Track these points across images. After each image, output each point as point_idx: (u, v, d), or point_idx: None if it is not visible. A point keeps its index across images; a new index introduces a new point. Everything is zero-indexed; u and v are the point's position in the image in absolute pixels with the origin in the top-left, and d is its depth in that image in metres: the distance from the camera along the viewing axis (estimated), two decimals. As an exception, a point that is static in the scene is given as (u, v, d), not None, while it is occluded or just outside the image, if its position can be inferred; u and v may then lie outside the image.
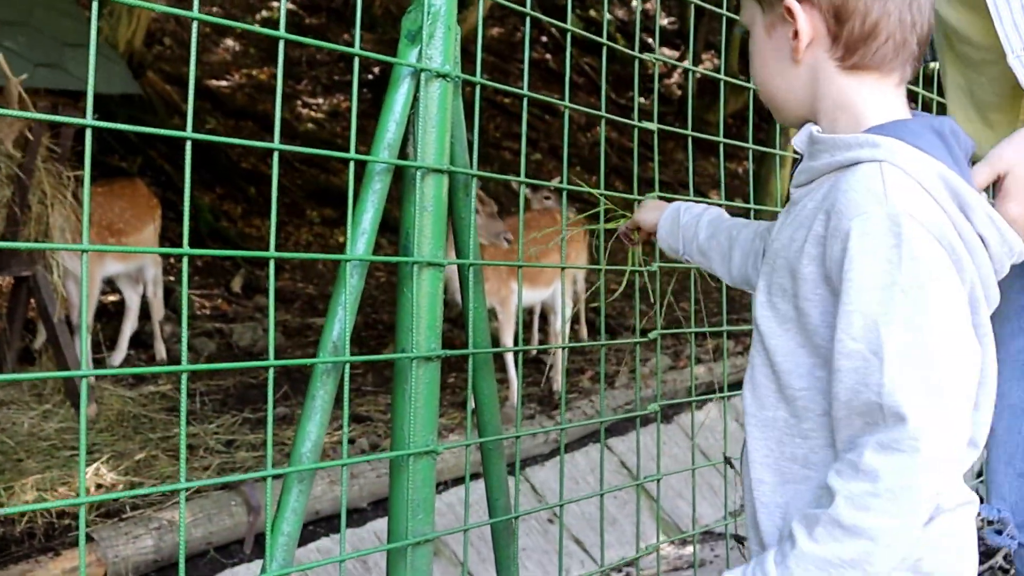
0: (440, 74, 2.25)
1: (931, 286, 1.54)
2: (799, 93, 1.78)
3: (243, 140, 1.72)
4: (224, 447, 6.02)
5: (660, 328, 3.06)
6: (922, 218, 1.56)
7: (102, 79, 6.40)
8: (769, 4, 1.78)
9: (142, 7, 1.60)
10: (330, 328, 2.13)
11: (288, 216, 11.92)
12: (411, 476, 2.25)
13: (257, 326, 8.62)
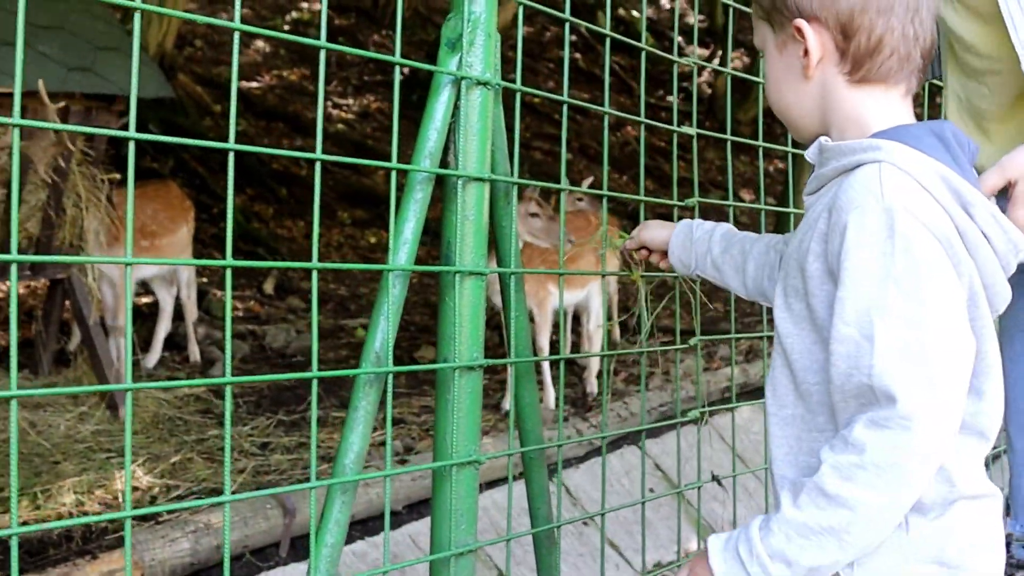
0: (481, 82, 2.24)
1: (925, 278, 1.60)
2: (811, 108, 1.86)
3: (285, 151, 1.71)
4: (259, 450, 6.03)
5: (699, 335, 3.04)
6: (917, 212, 1.63)
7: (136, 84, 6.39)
8: (780, 25, 1.86)
9: (182, 17, 1.60)
10: (372, 338, 2.12)
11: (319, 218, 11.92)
12: (454, 486, 2.24)
13: (290, 328, 8.63)
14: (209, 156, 11.86)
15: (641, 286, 2.68)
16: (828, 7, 1.79)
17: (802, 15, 1.81)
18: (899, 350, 1.58)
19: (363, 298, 9.95)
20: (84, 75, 6.15)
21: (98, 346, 6.51)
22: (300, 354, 8.11)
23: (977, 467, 1.76)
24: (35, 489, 5.19)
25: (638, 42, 2.84)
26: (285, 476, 5.62)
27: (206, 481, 5.48)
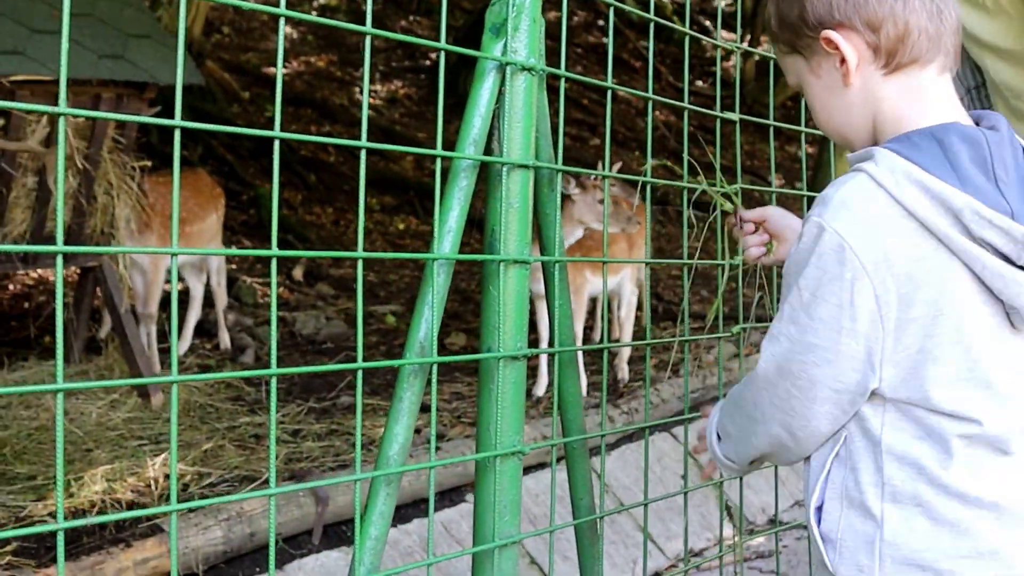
0: (525, 67, 2.20)
1: (820, 294, 1.73)
2: (859, 117, 1.88)
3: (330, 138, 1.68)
4: (291, 437, 6.02)
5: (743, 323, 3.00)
6: (845, 232, 1.71)
7: (166, 70, 6.38)
8: (808, 48, 1.89)
9: (228, 3, 1.57)
10: (416, 328, 2.10)
11: (348, 204, 11.92)
12: (498, 477, 2.21)
13: (319, 314, 8.62)
14: (238, 143, 11.86)
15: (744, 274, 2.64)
16: (848, 9, 1.81)
17: (825, 26, 1.83)
18: (777, 348, 1.81)
19: (392, 284, 9.94)
20: (115, 62, 6.14)
21: (129, 334, 6.51)
22: (330, 341, 8.11)
23: (981, 474, 1.77)
24: (68, 477, 5.19)
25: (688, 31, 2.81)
26: (316, 463, 5.61)
27: (238, 468, 5.47)
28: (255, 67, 14.18)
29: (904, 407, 1.76)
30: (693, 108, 2.77)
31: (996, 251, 1.69)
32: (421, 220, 12.04)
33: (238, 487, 5.23)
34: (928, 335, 1.72)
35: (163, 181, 7.09)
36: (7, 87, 5.57)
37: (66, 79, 1.53)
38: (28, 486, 5.19)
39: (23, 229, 6.09)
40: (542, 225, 2.39)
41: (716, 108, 2.94)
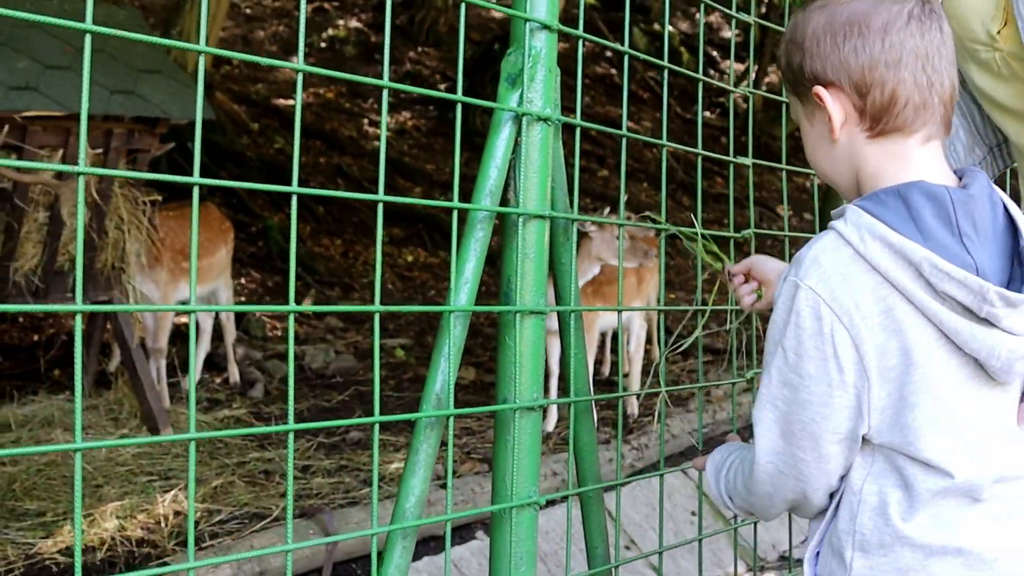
0: (541, 118, 2.21)
1: (803, 352, 1.79)
2: (844, 170, 1.94)
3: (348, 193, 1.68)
4: (300, 472, 6.01)
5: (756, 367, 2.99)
6: (818, 287, 1.77)
7: (178, 106, 6.41)
8: (805, 96, 1.94)
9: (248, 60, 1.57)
10: (433, 380, 2.09)
11: (356, 235, 11.93)
12: (514, 528, 2.20)
13: (329, 348, 8.62)
14: (247, 175, 11.88)
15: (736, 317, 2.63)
16: (840, 70, 1.86)
17: (819, 82, 1.89)
18: (770, 411, 1.86)
19: (401, 317, 9.94)
20: (126, 98, 6.16)
21: (139, 368, 6.51)
22: (339, 375, 8.10)
23: (947, 524, 1.81)
24: (78, 513, 5.18)
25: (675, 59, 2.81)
26: (326, 500, 5.59)
27: (248, 505, 5.46)
28: (264, 98, 14.22)
29: (889, 453, 1.82)
30: (707, 154, 2.76)
31: (959, 303, 1.74)
32: (430, 252, 12.05)
33: (248, 524, 5.22)
34: (903, 383, 1.78)
35: (173, 215, 7.11)
36: (20, 123, 5.58)
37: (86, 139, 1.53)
38: (37, 522, 5.18)
39: (34, 263, 6.10)
40: (557, 274, 2.38)
41: (729, 152, 2.93)
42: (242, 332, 8.76)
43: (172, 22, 11.19)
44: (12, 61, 5.82)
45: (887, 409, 1.79)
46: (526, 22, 2.21)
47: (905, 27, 1.84)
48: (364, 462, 6.19)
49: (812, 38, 1.89)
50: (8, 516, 5.21)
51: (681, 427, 6.92)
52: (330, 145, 13.59)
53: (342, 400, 7.49)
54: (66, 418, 6.55)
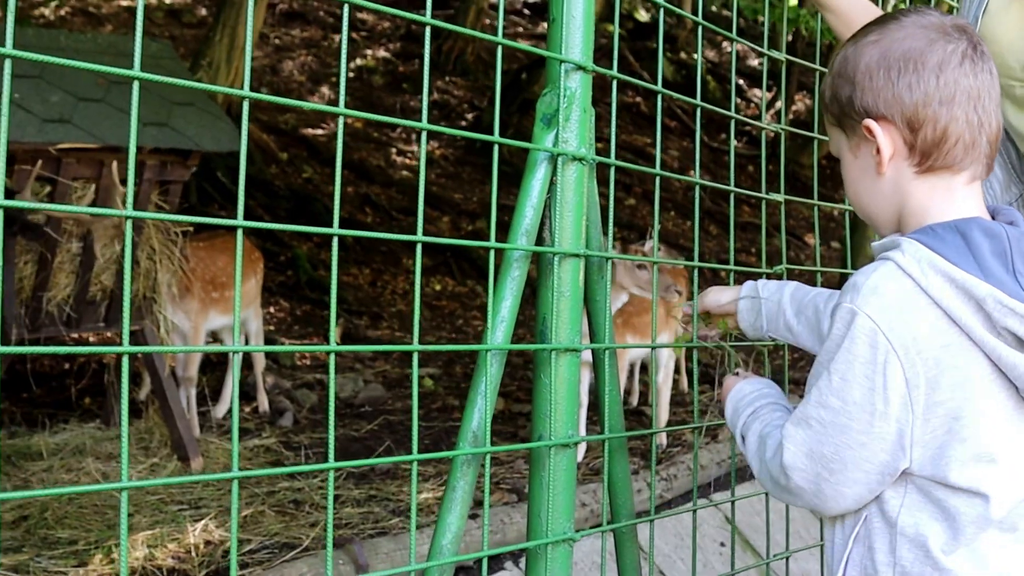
0: (576, 157, 2.23)
1: (851, 378, 1.78)
2: (886, 204, 1.95)
3: (388, 234, 1.71)
4: (330, 503, 6.01)
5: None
6: (877, 318, 1.76)
7: (210, 137, 6.47)
8: (852, 128, 1.96)
9: (290, 104, 1.60)
10: (469, 418, 2.11)
11: (384, 264, 11.98)
12: (549, 564, 2.21)
13: (357, 377, 8.64)
14: (276, 205, 11.95)
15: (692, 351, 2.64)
16: (893, 105, 1.87)
17: (869, 115, 1.90)
18: (805, 431, 1.86)
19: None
20: (159, 130, 6.22)
21: (169, 397, 6.55)
22: (368, 404, 8.12)
23: (986, 556, 1.82)
24: (109, 543, 5.21)
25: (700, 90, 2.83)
26: (356, 530, 5.60)
27: (278, 535, 5.48)
28: (292, 128, 14.31)
29: (926, 485, 1.82)
30: (740, 191, 2.78)
31: (1017, 338, 1.75)
32: (457, 281, 12.08)
33: (278, 554, 5.23)
34: (955, 417, 1.78)
35: (203, 246, 7.16)
36: (54, 155, 5.64)
37: (133, 182, 1.56)
38: (69, 551, 5.21)
39: (67, 293, 6.15)
40: (592, 311, 2.40)
41: (761, 187, 2.95)
42: (271, 361, 8.80)
43: (202, 53, 11.31)
44: (46, 94, 5.89)
45: (932, 443, 1.79)
46: (561, 63, 2.24)
47: (959, 66, 1.86)
48: (393, 492, 6.20)
49: (864, 72, 1.90)
50: (40, 545, 5.24)
51: (710, 458, 6.91)
52: (358, 174, 13.66)
53: (371, 430, 7.51)
54: (97, 447, 6.59)
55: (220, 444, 6.88)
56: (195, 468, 6.41)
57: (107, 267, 6.35)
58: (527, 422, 7.79)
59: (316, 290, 10.88)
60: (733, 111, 2.83)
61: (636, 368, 8.35)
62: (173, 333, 6.86)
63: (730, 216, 2.67)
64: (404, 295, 11.54)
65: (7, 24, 1.50)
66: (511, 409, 8.08)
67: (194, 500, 5.96)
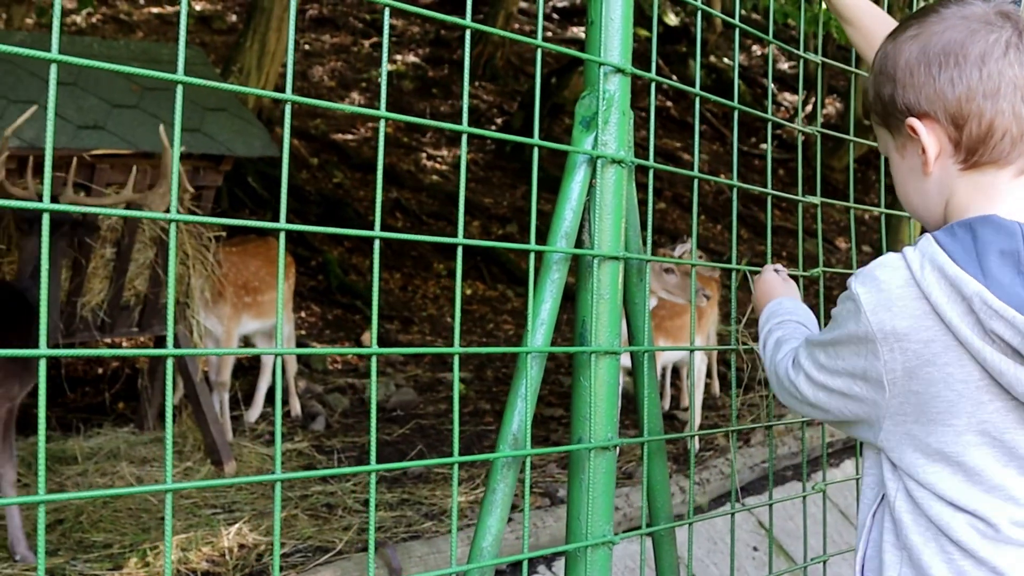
0: (615, 160, 2.23)
1: (842, 341, 1.82)
2: (934, 204, 1.89)
3: (432, 237, 1.71)
4: (362, 506, 6.03)
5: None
6: (865, 300, 1.76)
7: (242, 143, 6.50)
8: (896, 128, 1.90)
9: (329, 107, 1.60)
10: (509, 420, 2.11)
11: (415, 269, 12.00)
12: (588, 568, 2.21)
13: (389, 381, 8.66)
14: (307, 210, 11.99)
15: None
16: (936, 101, 1.81)
17: (912, 114, 1.84)
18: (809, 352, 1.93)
19: (460, 350, 9.97)
20: (192, 135, 6.26)
21: (203, 401, 6.58)
22: (400, 408, 8.13)
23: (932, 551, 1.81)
24: (144, 546, 5.24)
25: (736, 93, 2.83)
26: (389, 534, 5.61)
27: (311, 539, 5.49)
28: (323, 133, 14.35)
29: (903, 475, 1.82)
30: (777, 194, 2.77)
31: (1007, 344, 1.69)
32: (488, 285, 12.09)
33: (311, 557, 5.24)
34: (923, 411, 1.76)
35: (235, 250, 7.20)
36: (88, 161, 5.68)
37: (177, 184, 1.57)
38: (104, 554, 5.23)
39: (101, 298, 6.19)
40: (630, 314, 2.40)
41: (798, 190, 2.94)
42: (303, 366, 8.83)
43: (233, 59, 11.35)
44: (80, 100, 5.93)
45: (899, 428, 1.79)
46: (600, 66, 2.24)
47: (1003, 57, 1.80)
48: (425, 496, 6.21)
49: (905, 69, 1.85)
50: (76, 548, 5.27)
51: (743, 462, 6.89)
52: (388, 179, 13.69)
53: (403, 434, 7.52)
54: (131, 451, 6.62)
55: (253, 448, 6.91)
56: (228, 472, 6.44)
57: (140, 272, 6.39)
58: (558, 426, 7.79)
59: (347, 295, 10.91)
60: (770, 114, 2.83)
61: (668, 372, 8.34)
62: (206, 337, 6.89)
63: (767, 219, 2.66)
64: (435, 299, 11.55)
65: (52, 30, 1.51)
66: (542, 413, 8.07)
67: (228, 504, 5.98)
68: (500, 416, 7.88)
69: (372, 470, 1.79)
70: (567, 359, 8.91)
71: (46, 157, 1.47)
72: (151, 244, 6.36)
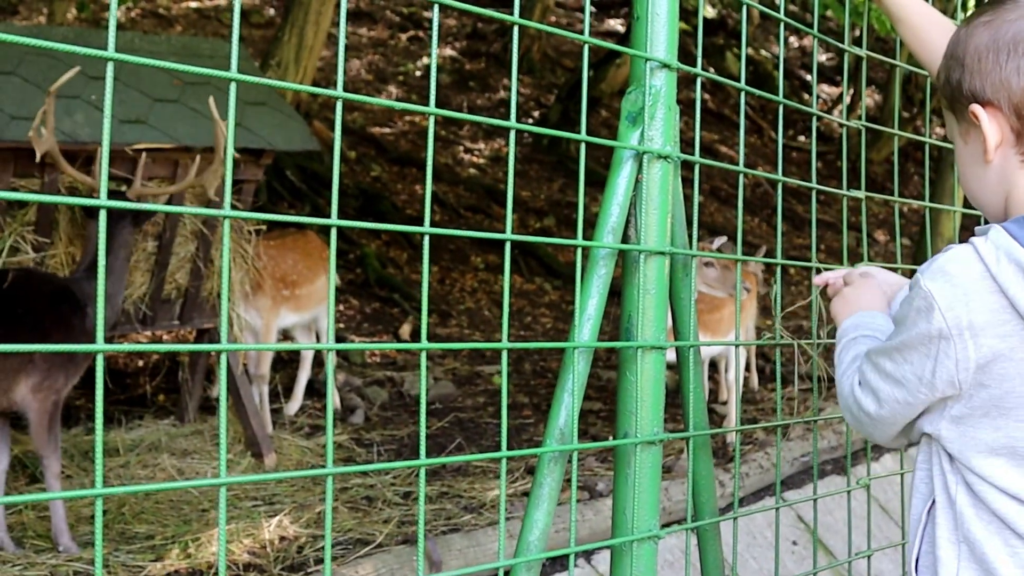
0: (662, 155, 2.23)
1: (910, 344, 1.78)
2: (993, 193, 1.88)
3: (481, 233, 1.72)
4: (402, 499, 6.05)
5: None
6: (939, 296, 1.72)
7: (282, 136, 6.53)
8: (961, 113, 1.88)
9: (383, 104, 1.62)
10: (556, 415, 2.12)
11: (453, 263, 12.02)
12: (634, 562, 2.22)
13: (428, 374, 8.68)
14: (344, 203, 12.02)
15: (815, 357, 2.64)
16: (1000, 90, 1.79)
17: (977, 100, 1.82)
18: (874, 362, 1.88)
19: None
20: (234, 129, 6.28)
21: (243, 394, 6.62)
22: (438, 401, 8.15)
23: None
24: (186, 537, 5.27)
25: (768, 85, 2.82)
26: (428, 526, 5.63)
27: (351, 531, 5.52)
28: (361, 127, 14.39)
29: (961, 467, 1.81)
30: (821, 188, 2.77)
31: None
32: (525, 279, 12.10)
33: (352, 550, 5.27)
34: (995, 405, 1.75)
35: (274, 244, 7.23)
36: (130, 155, 5.71)
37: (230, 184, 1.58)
38: (146, 545, 5.28)
39: (143, 292, 6.23)
40: (676, 309, 2.40)
41: (842, 184, 2.93)
42: (342, 359, 8.86)
43: (271, 53, 11.38)
44: (122, 95, 5.97)
45: (965, 421, 1.78)
46: (646, 61, 2.24)
47: None
48: (464, 489, 6.22)
49: (974, 55, 1.83)
50: (118, 539, 5.32)
51: (782, 455, 6.88)
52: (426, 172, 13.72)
53: (442, 427, 7.54)
54: (172, 443, 6.67)
55: (293, 441, 6.94)
56: (268, 465, 6.48)
57: (181, 266, 6.43)
58: (596, 419, 7.79)
59: (385, 288, 10.94)
60: (815, 107, 2.82)
61: (706, 366, 8.33)
62: (245, 331, 6.93)
63: (812, 213, 2.66)
64: (472, 293, 11.57)
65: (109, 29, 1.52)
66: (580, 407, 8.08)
67: (268, 496, 6.01)
68: (538, 409, 7.94)
69: (421, 464, 1.80)
70: (605, 353, 8.91)
71: (103, 152, 1.49)
72: (192, 238, 6.40)
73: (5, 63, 5.72)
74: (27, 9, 14.83)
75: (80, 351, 1.41)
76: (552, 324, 11.01)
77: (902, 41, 2.83)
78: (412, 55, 16.95)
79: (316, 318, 7.68)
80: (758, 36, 20.09)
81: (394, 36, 17.67)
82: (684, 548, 2.62)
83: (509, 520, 5.44)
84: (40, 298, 5.16)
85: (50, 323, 5.11)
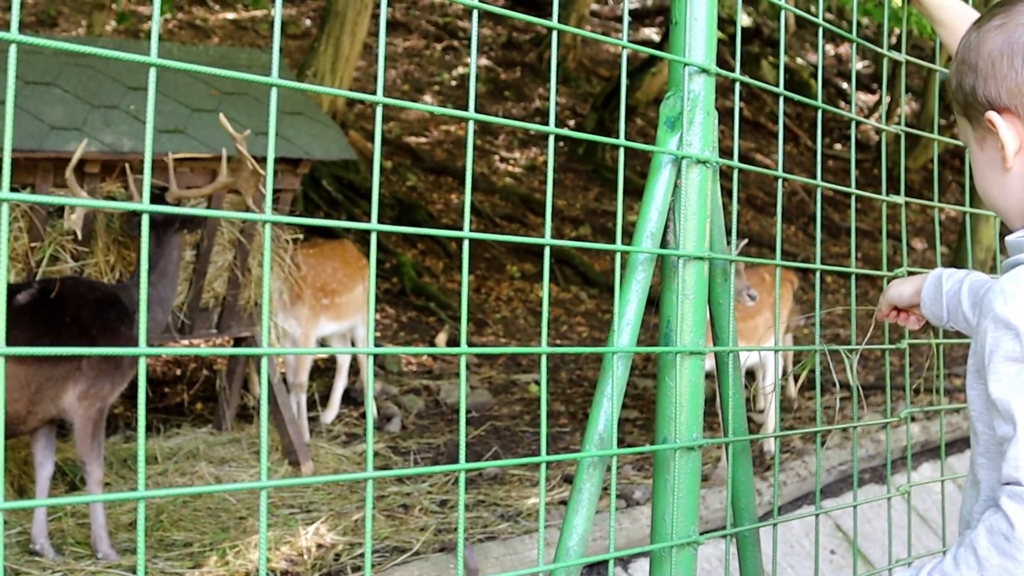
0: (700, 160, 2.23)
1: (1004, 374, 1.66)
2: (1014, 199, 1.84)
3: (516, 237, 1.72)
4: (438, 507, 6.06)
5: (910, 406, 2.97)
6: (1016, 320, 1.65)
7: (319, 146, 6.56)
8: (977, 120, 1.84)
9: (423, 110, 1.62)
10: (595, 419, 2.12)
11: (488, 271, 12.03)
12: (673, 568, 2.21)
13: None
14: (380, 212, 12.01)
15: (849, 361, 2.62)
16: (1016, 95, 1.76)
17: (993, 107, 1.79)
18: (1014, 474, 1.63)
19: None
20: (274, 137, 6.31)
21: (280, 402, 6.64)
22: (474, 410, 8.17)
23: None
24: (223, 545, 5.29)
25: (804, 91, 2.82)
26: (466, 534, 5.63)
27: (388, 539, 5.53)
28: (397, 136, 14.43)
29: None
30: (861, 193, 2.76)
31: None
32: (561, 287, 12.10)
33: (389, 557, 5.28)
34: None
35: (312, 253, 7.26)
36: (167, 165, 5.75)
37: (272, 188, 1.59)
38: (184, 553, 5.30)
39: (180, 301, 6.27)
40: (715, 315, 2.40)
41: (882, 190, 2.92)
42: (378, 367, 8.89)
43: (307, 63, 11.44)
44: (160, 104, 6.02)
45: None
46: (684, 66, 2.24)
47: None
48: (501, 497, 6.23)
49: (987, 60, 1.80)
50: (156, 547, 5.34)
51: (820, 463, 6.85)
52: (461, 181, 13.77)
53: (478, 435, 7.55)
54: (210, 451, 6.70)
55: (329, 449, 6.97)
56: (305, 472, 6.50)
57: (219, 275, 6.46)
58: (633, 428, 7.78)
59: (420, 296, 10.97)
60: (854, 112, 2.81)
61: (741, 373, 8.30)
62: (284, 339, 6.96)
63: (851, 218, 2.65)
64: (508, 301, 11.58)
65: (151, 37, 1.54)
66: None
67: (305, 504, 6.03)
68: (574, 418, 7.93)
69: (461, 469, 1.80)
70: (641, 361, 8.90)
71: (145, 160, 1.50)
72: (230, 247, 6.44)
73: (45, 74, 5.77)
74: (66, 21, 14.96)
75: (121, 354, 1.42)
76: (588, 333, 11.00)
77: (942, 43, 2.81)
78: (447, 65, 17.00)
79: (353, 327, 7.71)
80: (793, 44, 20.04)
81: (429, 46, 17.73)
82: (721, 558, 2.61)
83: (547, 528, 5.44)
84: (87, 306, 5.19)
85: (97, 330, 5.15)
